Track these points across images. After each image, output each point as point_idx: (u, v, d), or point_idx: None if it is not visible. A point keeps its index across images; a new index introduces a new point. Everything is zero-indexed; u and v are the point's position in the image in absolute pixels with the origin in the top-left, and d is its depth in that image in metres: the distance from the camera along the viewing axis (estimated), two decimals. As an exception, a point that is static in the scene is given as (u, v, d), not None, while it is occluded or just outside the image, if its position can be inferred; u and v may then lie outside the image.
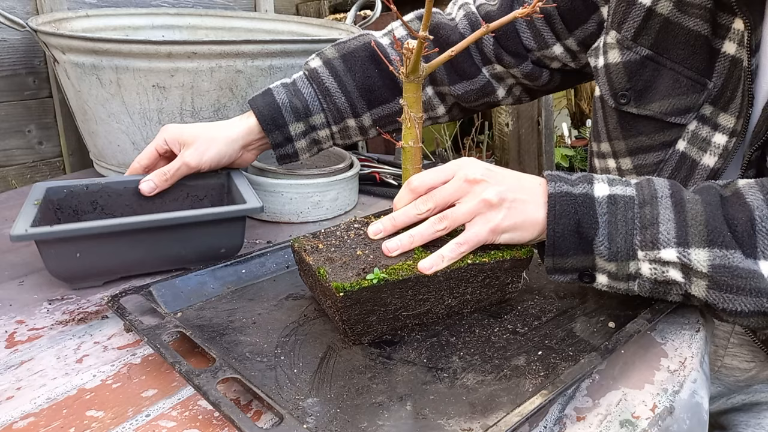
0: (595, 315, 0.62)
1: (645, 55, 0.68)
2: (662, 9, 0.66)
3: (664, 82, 0.68)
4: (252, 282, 0.69)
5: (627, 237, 0.55)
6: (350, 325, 0.56)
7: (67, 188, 0.77)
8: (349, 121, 0.83)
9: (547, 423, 0.47)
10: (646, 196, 0.56)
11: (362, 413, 0.47)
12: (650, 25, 0.67)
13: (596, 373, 0.54)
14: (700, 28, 0.64)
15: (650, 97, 0.69)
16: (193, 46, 0.93)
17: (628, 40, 0.69)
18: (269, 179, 0.90)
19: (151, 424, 0.47)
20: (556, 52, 0.81)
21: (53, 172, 1.40)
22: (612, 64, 0.72)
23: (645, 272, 0.55)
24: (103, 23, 1.25)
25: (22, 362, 0.56)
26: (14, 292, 0.69)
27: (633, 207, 0.56)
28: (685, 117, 0.67)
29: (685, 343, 0.59)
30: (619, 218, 0.55)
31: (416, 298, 0.58)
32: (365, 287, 0.54)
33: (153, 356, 0.56)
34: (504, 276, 0.62)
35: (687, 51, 0.66)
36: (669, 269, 0.54)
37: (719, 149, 0.65)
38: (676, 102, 0.67)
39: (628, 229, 0.55)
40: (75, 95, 1.03)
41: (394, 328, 0.59)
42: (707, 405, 0.56)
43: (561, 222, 0.56)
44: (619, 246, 0.55)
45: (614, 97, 0.72)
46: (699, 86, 0.66)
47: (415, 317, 0.59)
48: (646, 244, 0.54)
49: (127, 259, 0.69)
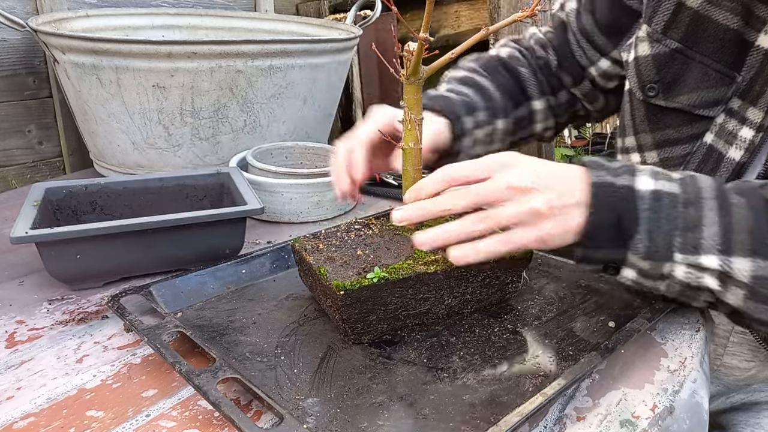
0: (595, 315, 0.62)
1: (674, 48, 0.68)
2: (692, 2, 0.66)
3: (693, 74, 0.67)
4: (252, 282, 0.69)
5: (667, 237, 0.52)
6: (350, 324, 0.56)
7: (66, 189, 0.77)
8: (499, 123, 0.82)
9: (547, 423, 0.47)
10: (691, 194, 0.53)
11: (362, 413, 0.47)
12: (680, 18, 0.67)
13: (596, 372, 0.54)
14: (730, 22, 0.64)
15: (678, 90, 0.69)
16: (193, 46, 0.93)
17: (658, 33, 0.69)
18: (269, 179, 0.90)
19: (151, 424, 0.47)
20: (604, 66, 0.82)
21: (53, 172, 1.41)
22: (641, 56, 0.72)
23: (679, 275, 0.53)
24: (103, 23, 1.25)
25: (22, 362, 0.56)
26: (14, 292, 0.69)
27: (677, 205, 0.53)
28: (714, 109, 0.67)
29: (685, 342, 0.59)
30: (661, 216, 0.52)
31: (416, 297, 0.58)
32: (365, 286, 0.54)
33: (153, 356, 0.56)
34: (504, 276, 0.62)
35: (716, 44, 0.65)
36: (705, 276, 0.52)
37: (745, 143, 0.65)
38: (704, 94, 0.67)
39: (669, 229, 0.52)
40: (75, 95, 1.03)
41: (394, 328, 0.59)
42: (707, 405, 0.56)
43: (600, 214, 0.53)
44: (658, 245, 0.53)
45: (642, 90, 0.72)
46: (727, 79, 0.65)
47: (415, 317, 0.59)
48: (687, 247, 0.52)
49: (128, 260, 0.69)
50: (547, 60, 0.86)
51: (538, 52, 0.87)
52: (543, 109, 0.87)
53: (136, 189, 0.80)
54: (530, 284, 0.68)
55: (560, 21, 0.86)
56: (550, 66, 0.86)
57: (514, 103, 0.83)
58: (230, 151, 1.06)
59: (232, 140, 1.06)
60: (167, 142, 1.02)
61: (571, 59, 0.84)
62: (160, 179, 0.82)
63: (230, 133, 1.05)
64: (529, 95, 0.85)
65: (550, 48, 0.87)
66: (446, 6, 2.05)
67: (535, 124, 0.87)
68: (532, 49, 0.88)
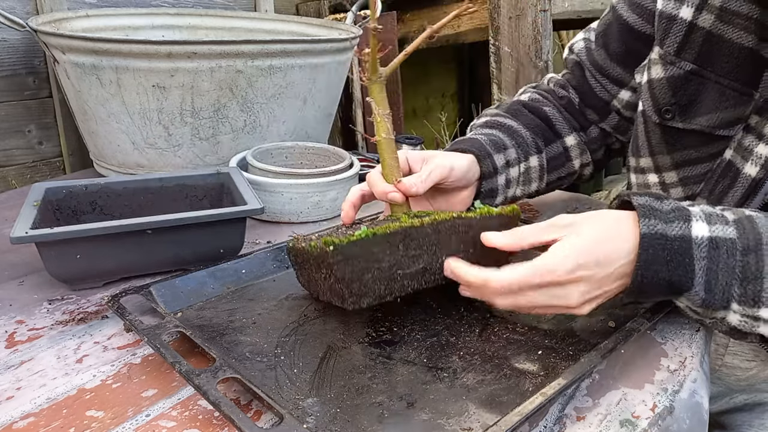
0: (595, 314, 0.62)
1: (689, 70, 0.67)
2: (704, 22, 0.65)
3: (710, 95, 0.66)
4: (252, 282, 0.69)
5: (726, 288, 0.51)
6: (346, 284, 0.55)
7: (66, 189, 0.77)
8: (532, 160, 0.81)
9: (547, 423, 0.47)
10: (751, 241, 0.52)
11: (362, 413, 0.47)
12: (693, 39, 0.66)
13: (596, 372, 0.54)
14: (744, 40, 0.63)
15: (696, 111, 0.68)
16: (193, 46, 0.93)
17: (671, 56, 0.68)
18: (269, 179, 0.90)
19: (151, 424, 0.47)
20: (625, 98, 0.81)
21: (53, 172, 1.41)
22: (655, 79, 0.71)
23: (733, 322, 0.53)
24: (103, 23, 1.25)
25: (22, 362, 0.56)
26: (14, 292, 0.69)
27: (735, 254, 0.51)
28: (733, 128, 0.66)
29: (685, 342, 0.59)
30: (720, 267, 0.51)
31: (408, 254, 0.57)
32: (354, 241, 0.54)
33: (153, 356, 0.56)
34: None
35: (731, 63, 0.64)
36: (761, 325, 0.52)
37: (761, 159, 0.64)
38: (723, 115, 0.66)
39: (728, 280, 0.51)
40: (75, 95, 1.03)
41: (392, 290, 0.58)
42: (707, 405, 0.56)
43: (652, 268, 0.52)
44: (716, 297, 0.52)
45: (658, 113, 0.71)
46: (746, 98, 0.64)
47: (413, 278, 0.58)
48: (747, 300, 0.51)
49: (128, 260, 0.69)
50: (570, 98, 0.85)
51: (559, 93, 0.86)
52: (576, 145, 0.85)
53: (136, 189, 0.80)
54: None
55: (574, 62, 0.85)
56: (573, 104, 0.85)
57: (544, 140, 0.82)
58: (230, 151, 1.06)
59: (232, 140, 1.06)
60: (167, 142, 1.02)
61: (592, 96, 0.83)
62: (160, 179, 0.82)
63: (230, 133, 1.05)
64: (559, 132, 0.84)
65: (570, 88, 0.86)
66: (446, 6, 2.05)
67: (572, 161, 0.85)
68: (553, 90, 0.87)
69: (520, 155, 0.79)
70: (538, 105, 0.85)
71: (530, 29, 1.71)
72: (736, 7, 0.63)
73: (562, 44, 3.13)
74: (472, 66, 3.04)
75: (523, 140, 0.80)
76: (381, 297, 0.57)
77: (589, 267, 0.52)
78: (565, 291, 0.53)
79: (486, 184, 0.75)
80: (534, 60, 1.71)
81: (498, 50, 1.79)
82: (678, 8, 0.67)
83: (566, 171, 0.85)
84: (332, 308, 0.63)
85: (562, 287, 0.53)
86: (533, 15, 1.70)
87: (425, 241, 0.58)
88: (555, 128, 0.84)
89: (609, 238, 0.54)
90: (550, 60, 1.72)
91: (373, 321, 0.61)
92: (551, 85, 0.89)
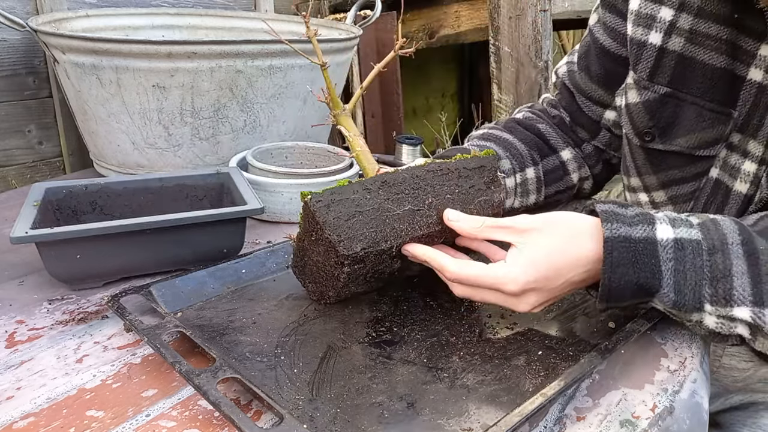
0: (595, 315, 0.62)
1: (663, 93, 0.68)
2: (674, 46, 0.65)
3: (688, 116, 0.67)
4: (252, 282, 0.69)
5: (696, 289, 0.51)
6: (333, 229, 0.55)
7: (66, 189, 0.77)
8: (529, 171, 0.81)
9: (547, 423, 0.47)
10: (716, 241, 0.52)
11: (362, 413, 0.47)
12: (664, 63, 0.67)
13: (596, 372, 0.54)
14: (716, 61, 0.63)
15: (675, 133, 0.68)
16: (193, 46, 0.93)
17: (644, 80, 0.69)
18: (269, 179, 0.90)
19: (151, 424, 0.47)
20: (611, 117, 0.81)
21: (53, 172, 1.41)
22: (632, 104, 0.71)
23: (710, 324, 0.53)
24: (103, 23, 1.25)
25: (22, 362, 0.56)
26: (14, 292, 0.69)
27: (701, 254, 0.52)
28: (714, 148, 0.66)
29: (685, 343, 0.59)
30: (687, 267, 0.51)
31: (390, 198, 0.58)
32: (331, 189, 0.56)
33: (153, 356, 0.56)
34: (476, 176, 0.62)
35: (706, 84, 0.64)
36: (738, 325, 0.51)
37: (749, 177, 0.64)
38: (702, 135, 0.66)
39: (697, 280, 0.51)
40: (75, 95, 1.03)
41: (386, 235, 0.57)
42: (707, 405, 0.56)
43: (618, 272, 0.52)
44: (687, 298, 0.52)
45: (639, 136, 0.71)
46: (723, 117, 0.65)
47: (403, 219, 0.58)
48: (718, 299, 0.51)
49: (128, 260, 0.69)
50: (561, 117, 0.86)
51: (551, 112, 0.87)
52: (572, 158, 0.85)
53: (136, 189, 0.80)
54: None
55: (561, 84, 0.86)
56: (565, 122, 0.86)
57: (539, 153, 0.82)
58: (230, 151, 1.06)
59: (232, 140, 1.06)
60: (167, 142, 1.02)
61: (581, 115, 0.84)
62: (160, 179, 0.82)
63: (230, 133, 1.05)
64: (554, 147, 0.84)
65: (560, 107, 0.87)
66: (446, 6, 2.05)
67: (570, 175, 0.85)
68: (545, 110, 0.88)
69: (514, 166, 0.79)
70: (532, 122, 0.85)
71: (530, 29, 1.71)
72: (705, 29, 0.63)
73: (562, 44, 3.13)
74: (472, 66, 3.05)
75: (518, 152, 0.80)
76: (376, 242, 0.57)
77: (539, 282, 0.54)
78: (516, 300, 0.55)
79: None
80: (534, 60, 1.71)
81: (498, 50, 1.79)
82: (647, 34, 0.67)
83: (565, 185, 0.85)
84: (332, 308, 0.63)
85: (514, 297, 0.54)
86: (533, 15, 1.70)
87: (405, 185, 0.58)
88: (550, 143, 0.84)
89: (564, 250, 0.54)
90: (550, 60, 1.72)
91: (373, 321, 0.61)
92: (544, 104, 0.90)
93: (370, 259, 0.57)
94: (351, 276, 0.58)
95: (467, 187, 0.61)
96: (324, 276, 0.60)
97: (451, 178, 0.61)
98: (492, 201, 0.63)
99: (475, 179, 0.62)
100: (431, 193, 0.59)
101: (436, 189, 0.60)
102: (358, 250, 0.56)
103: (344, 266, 0.57)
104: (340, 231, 0.55)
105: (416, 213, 0.58)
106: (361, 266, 0.58)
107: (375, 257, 0.58)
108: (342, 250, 0.55)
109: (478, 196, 0.62)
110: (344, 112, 0.69)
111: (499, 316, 0.62)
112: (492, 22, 1.79)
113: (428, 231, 0.59)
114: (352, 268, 0.57)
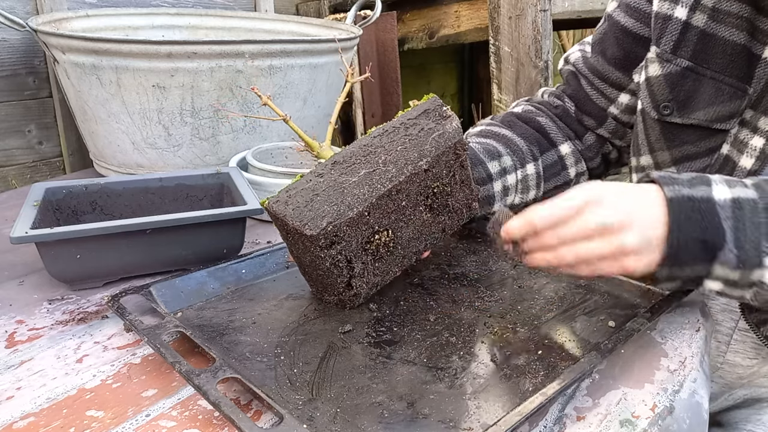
0: (595, 314, 0.62)
1: (685, 67, 0.69)
2: (697, 22, 0.67)
3: (706, 91, 0.68)
4: (252, 282, 0.69)
5: (756, 244, 0.51)
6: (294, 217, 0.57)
7: (66, 189, 0.77)
8: (529, 167, 0.82)
9: (547, 423, 0.47)
10: None
11: (362, 413, 0.47)
12: (688, 38, 0.68)
13: (596, 372, 0.54)
14: (736, 38, 0.65)
15: (693, 107, 0.70)
16: (193, 46, 0.93)
17: (667, 53, 0.70)
18: (269, 179, 0.90)
19: (151, 424, 0.47)
20: (624, 101, 0.82)
21: (53, 172, 1.41)
22: (653, 77, 0.72)
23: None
24: (103, 23, 1.25)
25: (22, 362, 0.56)
26: (14, 292, 0.69)
27: (758, 211, 0.52)
28: (730, 122, 0.68)
29: (685, 342, 0.59)
30: (747, 224, 0.52)
31: (345, 171, 0.59)
32: (285, 187, 0.59)
33: (153, 356, 0.56)
34: (423, 120, 0.62)
35: (725, 60, 0.66)
36: None
37: (756, 152, 0.66)
38: (720, 109, 0.68)
39: (756, 236, 0.51)
40: (75, 95, 1.03)
41: (349, 204, 0.57)
42: (707, 404, 0.56)
43: (684, 230, 0.52)
44: (748, 254, 0.52)
45: (657, 109, 0.73)
46: (740, 92, 0.66)
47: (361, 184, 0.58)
48: None
49: (128, 260, 0.69)
50: (565, 107, 0.86)
51: (554, 103, 0.87)
52: (570, 153, 0.85)
53: (136, 189, 0.80)
54: (530, 284, 0.68)
55: (569, 72, 0.86)
56: (569, 112, 0.86)
57: (539, 148, 0.83)
58: (230, 151, 1.06)
59: (232, 140, 1.06)
60: (167, 142, 1.02)
61: (588, 102, 0.84)
62: (160, 179, 0.82)
63: (230, 133, 1.05)
64: (554, 141, 0.84)
65: (565, 97, 0.87)
66: (446, 6, 2.05)
67: (567, 170, 0.85)
68: (547, 102, 0.88)
69: (516, 162, 0.80)
70: (531, 116, 0.85)
71: (530, 29, 1.71)
72: (727, 7, 0.65)
73: (562, 44, 3.13)
74: (472, 66, 3.04)
75: (518, 148, 0.81)
76: (341, 213, 0.56)
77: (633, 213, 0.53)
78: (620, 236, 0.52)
79: (480, 192, 0.76)
80: (534, 60, 1.71)
81: (498, 50, 1.79)
82: (673, 9, 0.69)
83: (562, 180, 0.85)
84: (332, 308, 0.63)
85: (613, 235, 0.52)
86: (533, 15, 1.70)
87: (355, 157, 0.59)
88: (549, 137, 0.84)
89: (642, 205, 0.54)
90: (550, 60, 1.72)
91: (373, 321, 0.61)
92: (545, 96, 0.90)
93: (347, 234, 0.57)
94: (338, 261, 0.58)
95: (416, 133, 0.61)
96: (324, 275, 0.60)
97: (398, 132, 0.61)
98: (446, 132, 0.61)
99: (422, 123, 0.61)
100: (383, 152, 0.60)
101: (387, 147, 0.60)
102: (325, 225, 0.56)
103: (322, 249, 0.56)
104: (302, 216, 0.56)
105: (372, 174, 0.58)
106: (343, 245, 0.58)
107: (351, 230, 0.57)
108: (308, 231, 0.55)
109: (430, 134, 0.61)
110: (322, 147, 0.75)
111: (499, 316, 0.62)
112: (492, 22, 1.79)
113: (392, 185, 0.58)
114: (333, 250, 0.57)
